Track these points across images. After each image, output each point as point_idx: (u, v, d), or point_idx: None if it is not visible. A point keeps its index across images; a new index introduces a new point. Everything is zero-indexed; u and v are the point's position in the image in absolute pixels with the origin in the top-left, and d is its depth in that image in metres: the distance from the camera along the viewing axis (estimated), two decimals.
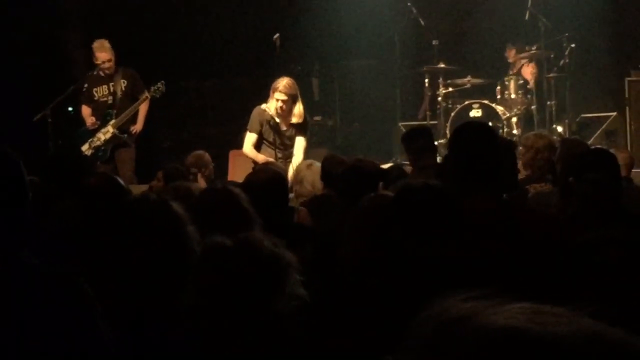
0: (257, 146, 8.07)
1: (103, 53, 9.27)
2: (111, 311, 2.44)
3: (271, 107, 7.90)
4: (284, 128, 8.02)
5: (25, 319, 2.23)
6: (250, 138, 8.07)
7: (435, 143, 7.80)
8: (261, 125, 8.00)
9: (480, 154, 3.49)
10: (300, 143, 8.05)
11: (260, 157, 7.89)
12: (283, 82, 7.91)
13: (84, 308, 2.29)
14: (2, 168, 2.31)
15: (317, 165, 6.43)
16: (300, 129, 8.06)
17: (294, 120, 7.99)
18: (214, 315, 2.24)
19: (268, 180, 4.49)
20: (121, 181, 4.49)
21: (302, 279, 2.35)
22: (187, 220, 3.03)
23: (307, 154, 8.05)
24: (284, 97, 7.85)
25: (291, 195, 6.12)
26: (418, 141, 6.67)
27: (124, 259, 2.99)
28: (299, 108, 7.97)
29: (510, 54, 11.31)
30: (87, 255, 3.40)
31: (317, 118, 11.59)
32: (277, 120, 7.94)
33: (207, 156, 7.75)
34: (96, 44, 9.35)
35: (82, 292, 2.31)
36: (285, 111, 7.89)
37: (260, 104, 8.03)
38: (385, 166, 7.19)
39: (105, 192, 4.19)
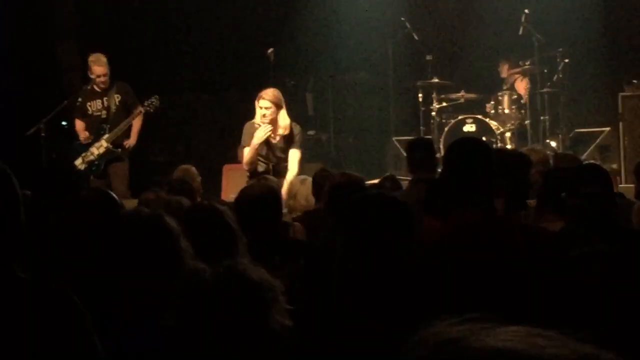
0: None
1: (99, 67, 9.24)
2: (102, 324, 2.43)
3: (257, 119, 7.82)
4: (274, 140, 7.91)
5: (18, 333, 2.22)
6: (246, 152, 7.99)
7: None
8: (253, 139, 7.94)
9: (474, 170, 3.48)
10: (294, 156, 7.89)
11: (255, 141, 7.74)
12: (266, 91, 7.81)
13: (75, 321, 2.28)
14: None
15: (311, 180, 6.42)
16: (289, 140, 7.95)
17: (280, 131, 7.85)
18: (193, 340, 2.23)
19: (261, 194, 4.49)
20: (114, 195, 4.48)
21: (291, 308, 2.34)
22: (180, 234, 3.02)
23: (302, 166, 7.96)
24: (268, 104, 7.70)
25: (285, 210, 6.11)
26: (415, 154, 6.56)
27: (116, 273, 2.98)
28: (284, 119, 7.83)
29: (504, 69, 11.32)
30: (79, 269, 3.39)
31: (311, 132, 11.59)
32: None
33: (193, 169, 7.68)
34: (93, 58, 9.33)
35: (72, 305, 2.30)
36: (269, 119, 7.74)
37: (253, 119, 7.98)
38: (377, 181, 7.17)
39: (98, 206, 4.18)
